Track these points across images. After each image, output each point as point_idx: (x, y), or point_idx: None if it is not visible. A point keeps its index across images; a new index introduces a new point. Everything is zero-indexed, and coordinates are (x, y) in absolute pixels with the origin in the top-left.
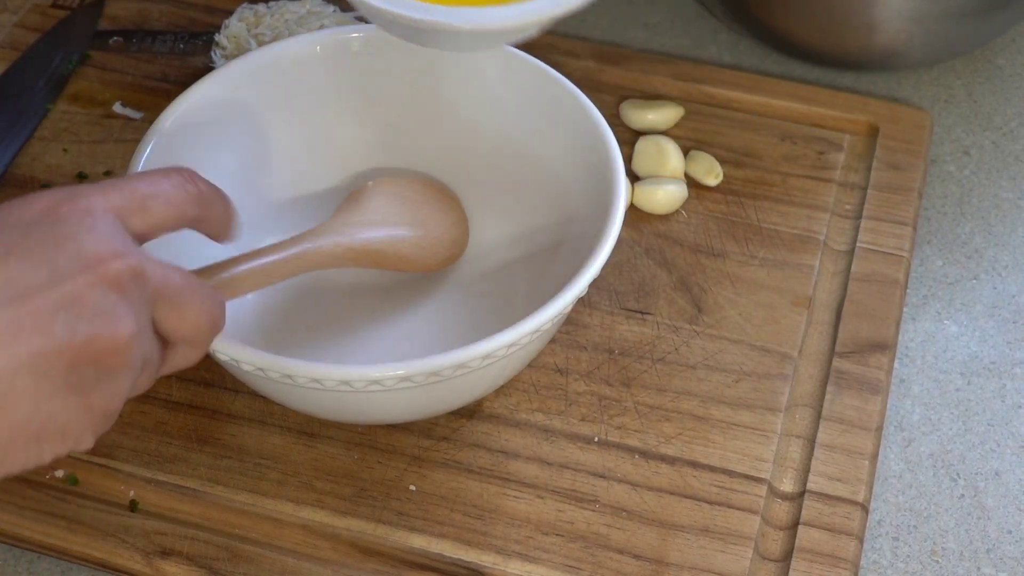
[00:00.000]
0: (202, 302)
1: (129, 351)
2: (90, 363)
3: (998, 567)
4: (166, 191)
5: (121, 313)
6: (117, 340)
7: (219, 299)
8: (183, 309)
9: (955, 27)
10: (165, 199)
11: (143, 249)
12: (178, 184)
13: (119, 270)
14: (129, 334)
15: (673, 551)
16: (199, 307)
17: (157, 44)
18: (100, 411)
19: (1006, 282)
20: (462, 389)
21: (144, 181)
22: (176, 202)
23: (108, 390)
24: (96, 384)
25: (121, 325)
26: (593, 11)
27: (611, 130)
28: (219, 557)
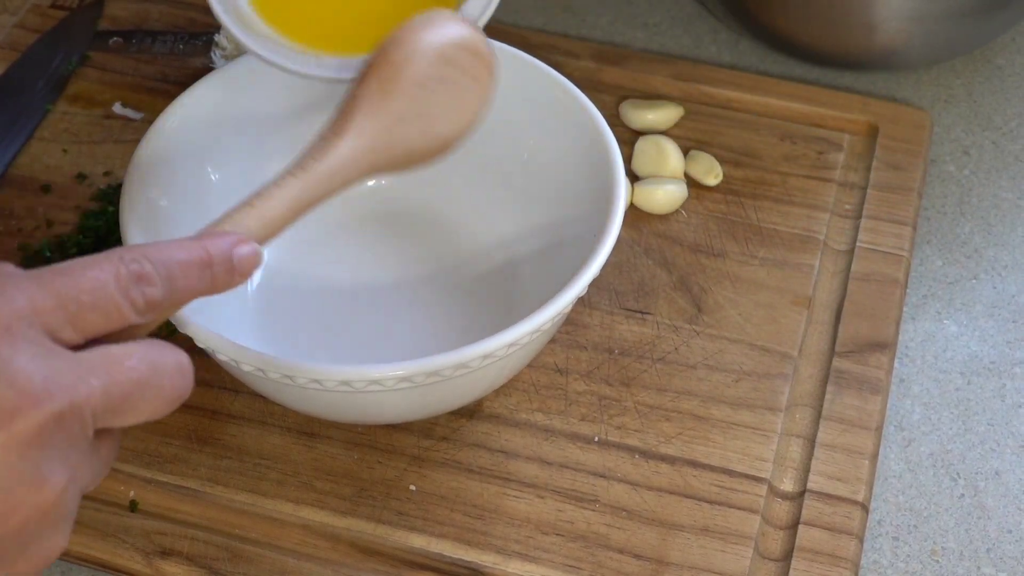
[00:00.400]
0: (159, 392)
1: (60, 509)
2: (14, 536)
3: (998, 567)
4: (107, 299)
5: (46, 472)
6: (44, 504)
7: (183, 369)
8: (135, 410)
9: (955, 27)
10: (104, 311)
11: (80, 366)
12: (122, 289)
13: (41, 423)
14: (57, 494)
15: (673, 551)
16: (155, 400)
17: (157, 45)
18: (29, 572)
19: (1006, 282)
20: (462, 389)
21: (85, 280)
22: (116, 315)
23: (40, 550)
24: (23, 551)
25: (47, 489)
26: (593, 11)
27: (611, 130)
28: (219, 557)
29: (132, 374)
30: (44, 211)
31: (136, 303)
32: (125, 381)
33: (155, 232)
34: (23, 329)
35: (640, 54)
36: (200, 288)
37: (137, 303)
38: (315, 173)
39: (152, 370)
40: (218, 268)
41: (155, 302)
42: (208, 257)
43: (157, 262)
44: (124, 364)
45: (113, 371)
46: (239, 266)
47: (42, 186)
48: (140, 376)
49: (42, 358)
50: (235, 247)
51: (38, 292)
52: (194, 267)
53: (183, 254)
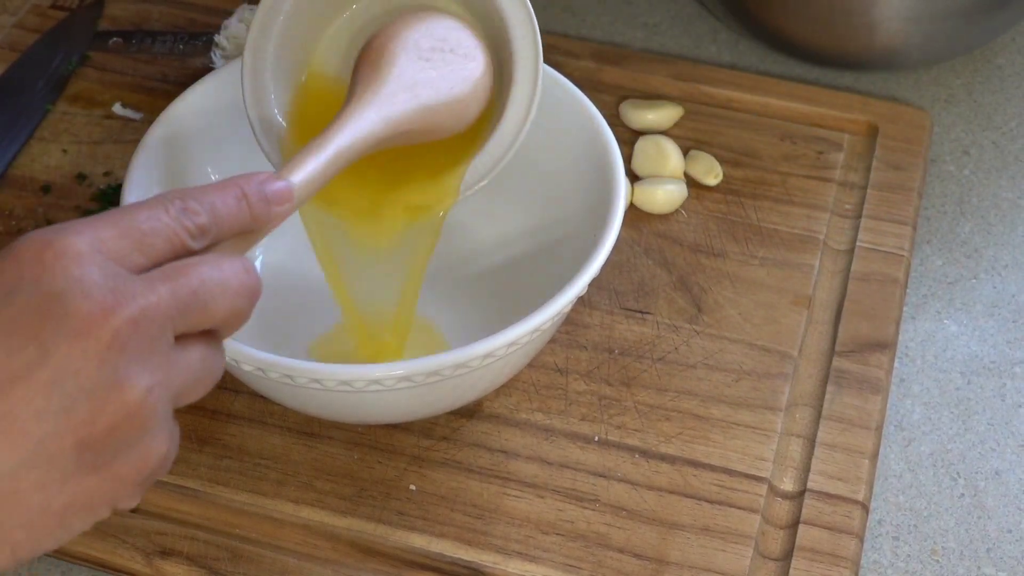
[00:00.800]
0: (226, 289)
1: (145, 411)
2: (103, 438)
3: (998, 566)
4: (164, 227)
5: (125, 376)
6: (129, 406)
7: (247, 268)
8: (207, 309)
9: (955, 27)
10: (164, 236)
11: (146, 278)
12: (175, 217)
13: (116, 328)
14: (140, 396)
15: (673, 550)
16: (225, 296)
17: (157, 45)
18: (133, 477)
19: (1006, 281)
20: (462, 389)
21: (141, 215)
22: (175, 239)
23: (135, 455)
24: (116, 455)
25: (128, 390)
26: (593, 11)
27: (611, 130)
28: (219, 557)
29: (195, 275)
30: (44, 211)
31: (189, 228)
32: (189, 281)
33: None
34: (92, 254)
35: (640, 54)
36: (240, 216)
37: (190, 228)
38: (342, 141)
39: (214, 268)
40: (253, 198)
41: (204, 227)
42: (240, 190)
43: (197, 196)
44: (189, 271)
45: (176, 276)
46: (272, 196)
47: (42, 186)
48: (203, 275)
49: (111, 276)
50: (265, 181)
51: (100, 226)
52: (230, 198)
53: (219, 190)
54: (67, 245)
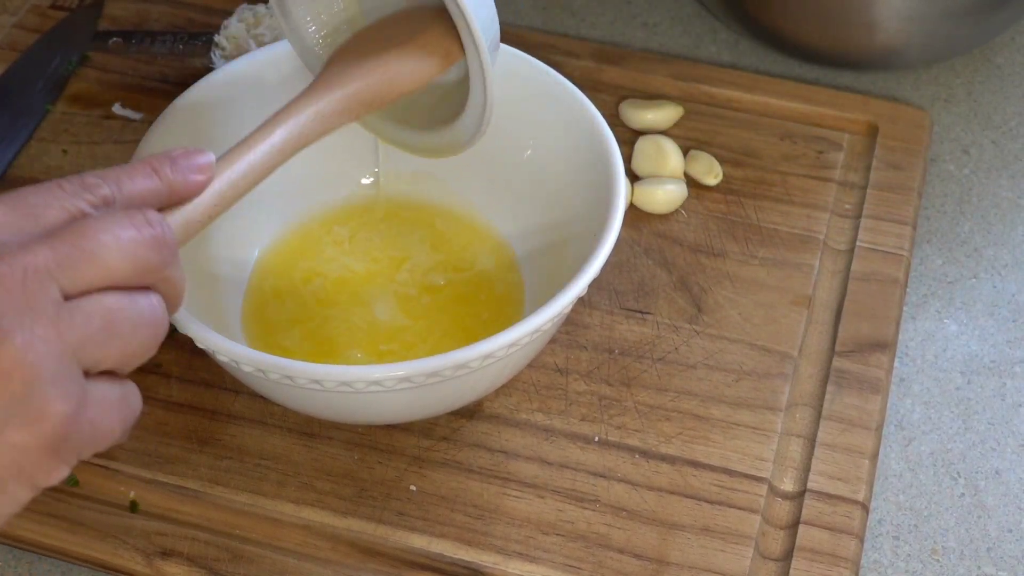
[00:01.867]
0: (123, 232)
1: (25, 367)
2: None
3: (999, 566)
4: (58, 199)
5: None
6: (10, 359)
7: (151, 218)
8: (98, 254)
9: (954, 26)
10: (59, 206)
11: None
12: (72, 192)
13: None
14: (16, 351)
15: (674, 550)
16: (122, 241)
17: (156, 45)
18: (32, 443)
19: (1006, 281)
20: (462, 389)
21: (34, 192)
22: (71, 208)
23: (27, 416)
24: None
25: (5, 343)
26: (593, 11)
27: (611, 130)
28: (220, 558)
29: (78, 228)
30: None
31: (87, 198)
32: (72, 235)
33: None
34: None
35: (640, 54)
36: (151, 185)
37: (88, 198)
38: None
39: (104, 220)
40: (164, 169)
41: (106, 197)
42: (150, 164)
43: (99, 173)
44: (72, 227)
45: (58, 232)
46: (189, 165)
47: None
48: (89, 227)
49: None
50: (181, 154)
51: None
52: (138, 170)
53: (127, 165)
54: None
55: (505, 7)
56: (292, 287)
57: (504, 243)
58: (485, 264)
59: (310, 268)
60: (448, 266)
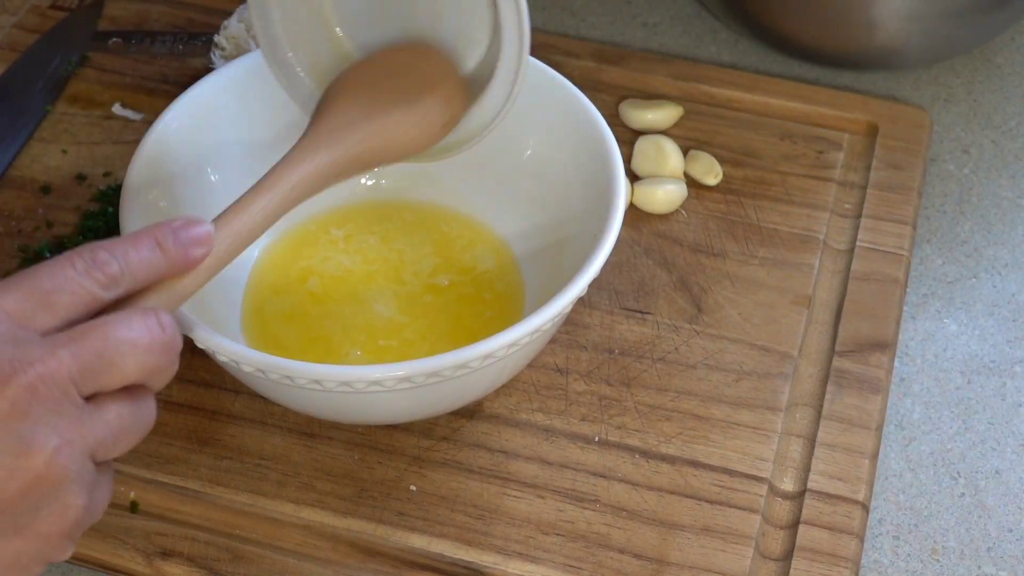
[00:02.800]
0: (135, 344)
1: (55, 471)
2: (16, 502)
3: (999, 565)
4: (70, 284)
5: (30, 440)
6: (37, 469)
7: (162, 322)
8: (114, 367)
9: (954, 26)
10: (70, 293)
11: (49, 341)
12: (83, 272)
13: (14, 395)
14: (47, 458)
15: (674, 550)
16: (135, 351)
17: (156, 45)
18: (56, 533)
19: (1006, 280)
20: (462, 389)
21: (44, 275)
22: (82, 294)
23: (54, 513)
24: (35, 516)
25: (35, 454)
26: (593, 11)
27: (611, 130)
28: (220, 558)
29: (99, 335)
30: (44, 212)
31: (98, 279)
32: (93, 343)
33: None
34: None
35: (640, 54)
36: (155, 262)
37: (99, 279)
38: (276, 191)
39: (122, 325)
40: (167, 243)
41: (115, 276)
42: (154, 237)
43: (107, 246)
44: (92, 330)
45: (81, 338)
46: (188, 239)
47: (42, 187)
48: (109, 334)
49: (11, 342)
50: (181, 226)
51: (3, 291)
52: (143, 245)
53: (130, 237)
54: None
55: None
56: (291, 287)
57: (504, 243)
58: (485, 264)
59: (309, 268)
60: (448, 266)
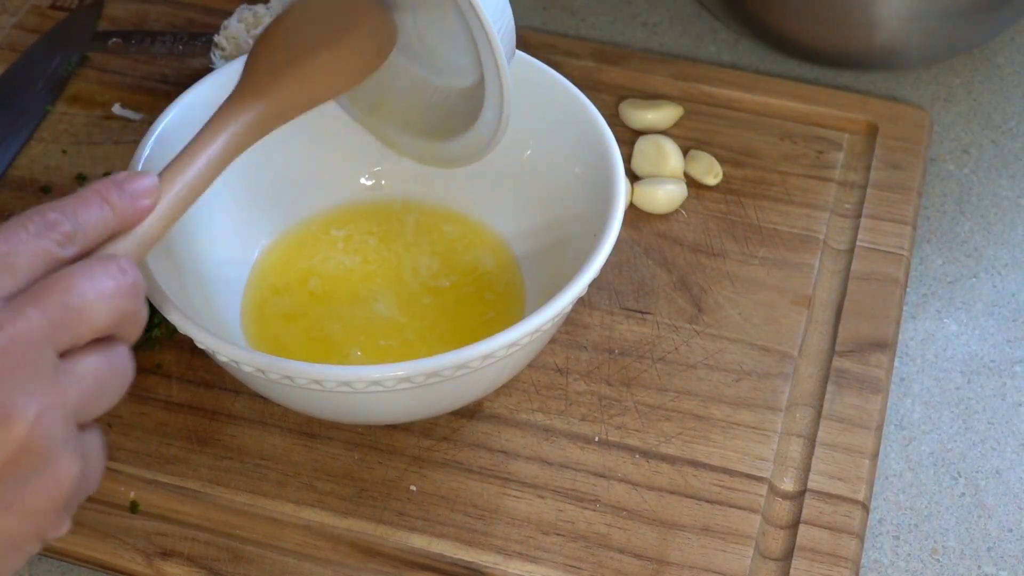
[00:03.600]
0: (101, 291)
1: (39, 439)
2: (2, 474)
3: (999, 565)
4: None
5: (10, 408)
6: (20, 439)
7: (121, 267)
8: (84, 317)
9: (954, 26)
10: (28, 253)
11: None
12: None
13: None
14: (28, 425)
15: (674, 550)
16: (102, 299)
17: (156, 45)
18: (49, 506)
19: (1006, 280)
20: (462, 389)
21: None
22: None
23: (44, 484)
24: (25, 490)
25: (15, 423)
26: (593, 11)
27: (611, 130)
28: (220, 558)
29: (62, 287)
30: None
31: (52, 237)
32: (59, 296)
33: None
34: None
35: (640, 54)
36: (104, 216)
37: (53, 237)
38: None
39: (83, 275)
40: (113, 197)
41: (69, 234)
42: (99, 192)
43: (56, 206)
44: (55, 283)
45: (45, 293)
46: (134, 191)
47: (42, 187)
48: (73, 286)
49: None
50: (126, 179)
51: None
52: (91, 201)
53: (77, 195)
54: None
55: None
56: (291, 287)
57: (504, 243)
58: (485, 264)
59: (309, 268)
60: (448, 266)
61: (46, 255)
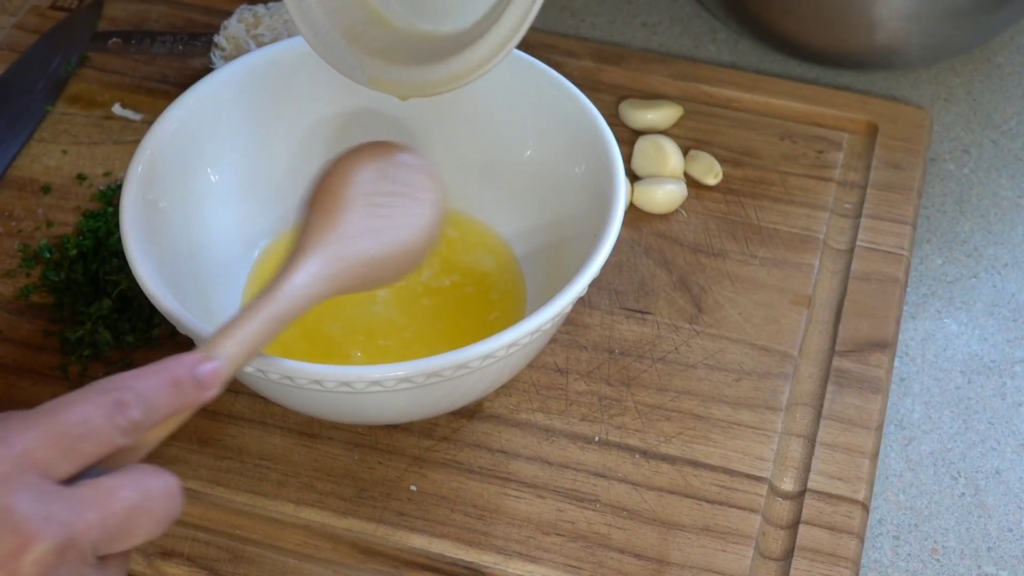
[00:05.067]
0: (151, 514)
1: None
2: None
3: (999, 565)
4: (94, 429)
5: None
6: None
7: (172, 492)
8: (131, 534)
9: (954, 26)
10: (94, 440)
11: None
12: (106, 415)
13: (39, 558)
14: None
15: (674, 550)
16: (150, 520)
17: (156, 45)
18: None
19: (1006, 280)
20: (463, 389)
21: (70, 414)
22: (105, 439)
23: None
24: None
25: None
26: (592, 11)
27: (611, 130)
28: (220, 558)
29: (125, 503)
30: (44, 212)
31: (121, 427)
32: (119, 511)
33: (154, 233)
34: (19, 474)
35: (639, 54)
36: (173, 404)
37: (122, 426)
38: (279, 301)
39: (144, 496)
40: (185, 385)
41: (136, 422)
42: (174, 378)
43: (134, 388)
44: (117, 495)
45: (107, 503)
46: (203, 380)
47: (42, 187)
48: (133, 503)
49: (39, 500)
50: (197, 365)
51: (31, 435)
52: (164, 387)
53: (155, 378)
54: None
55: None
56: None
57: (504, 243)
58: (485, 264)
59: None
60: (448, 266)
61: (110, 444)
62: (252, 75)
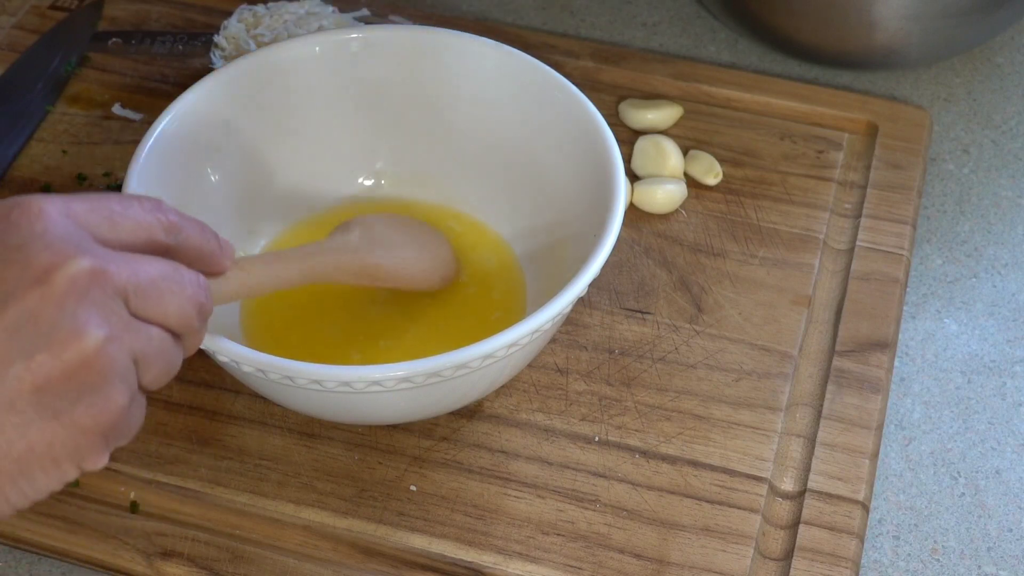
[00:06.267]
0: (181, 289)
1: (103, 360)
2: (60, 383)
3: (999, 565)
4: (136, 213)
5: (84, 322)
6: (86, 352)
7: (201, 283)
8: (162, 300)
9: (954, 25)
10: (134, 219)
11: (109, 249)
12: (149, 209)
13: (74, 275)
14: (97, 343)
15: (674, 550)
16: (179, 296)
17: (156, 45)
18: (94, 428)
19: (1006, 280)
20: (463, 389)
21: (113, 199)
22: (145, 225)
23: (96, 405)
24: (76, 402)
25: (86, 337)
26: (592, 11)
27: (611, 130)
28: (220, 558)
29: (157, 269)
30: None
31: (161, 220)
32: (152, 271)
33: None
34: (58, 216)
35: (639, 54)
36: (204, 240)
37: (162, 220)
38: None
39: (175, 270)
40: (209, 234)
41: (176, 225)
42: (207, 228)
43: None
44: (151, 262)
45: (140, 262)
46: (223, 246)
47: (42, 187)
48: (163, 273)
49: (75, 232)
50: (216, 235)
51: (73, 199)
52: (196, 223)
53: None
54: (34, 204)
55: (505, 7)
56: (292, 288)
57: (504, 243)
58: (485, 265)
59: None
60: None
61: (148, 231)
62: (252, 75)
